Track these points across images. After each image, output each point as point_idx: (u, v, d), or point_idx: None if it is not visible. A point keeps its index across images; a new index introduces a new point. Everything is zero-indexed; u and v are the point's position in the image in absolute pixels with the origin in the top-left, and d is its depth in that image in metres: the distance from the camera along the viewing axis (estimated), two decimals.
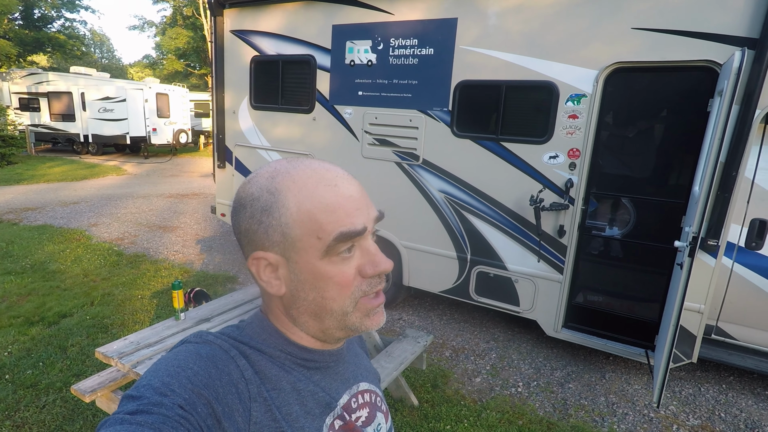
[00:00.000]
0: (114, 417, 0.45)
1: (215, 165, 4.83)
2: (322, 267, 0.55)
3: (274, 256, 0.56)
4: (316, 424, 0.58)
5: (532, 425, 2.65)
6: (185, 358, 0.52)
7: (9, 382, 2.80)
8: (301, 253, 0.55)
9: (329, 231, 0.53)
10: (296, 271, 0.56)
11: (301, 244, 0.54)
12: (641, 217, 3.09)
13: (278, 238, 0.55)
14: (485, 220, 3.45)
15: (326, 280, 0.55)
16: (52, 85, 14.65)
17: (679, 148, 2.95)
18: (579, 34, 2.93)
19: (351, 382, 0.67)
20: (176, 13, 25.51)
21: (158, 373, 0.50)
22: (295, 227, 0.54)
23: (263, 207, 0.54)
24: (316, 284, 0.56)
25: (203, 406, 0.48)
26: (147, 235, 6.15)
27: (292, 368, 0.59)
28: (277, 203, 0.54)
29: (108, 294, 4.12)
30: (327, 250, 0.54)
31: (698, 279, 2.72)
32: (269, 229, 0.55)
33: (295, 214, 0.53)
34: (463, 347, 3.58)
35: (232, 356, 0.55)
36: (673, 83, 2.89)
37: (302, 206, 0.53)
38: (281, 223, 0.54)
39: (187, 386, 0.48)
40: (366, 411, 0.67)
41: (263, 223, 0.55)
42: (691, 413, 2.88)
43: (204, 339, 0.57)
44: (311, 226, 0.53)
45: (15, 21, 21.07)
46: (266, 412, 0.53)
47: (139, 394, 0.47)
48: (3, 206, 7.37)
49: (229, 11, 4.41)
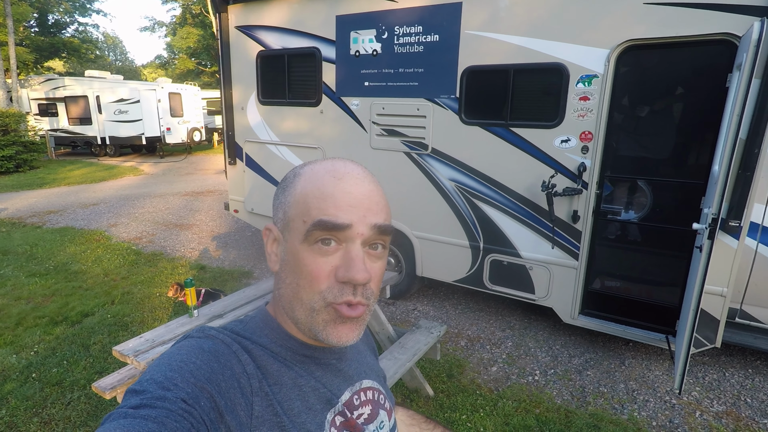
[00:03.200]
0: (118, 411, 0.45)
1: (226, 162, 4.86)
2: (301, 251, 0.56)
3: (277, 231, 0.60)
4: (318, 420, 0.58)
5: (549, 413, 2.63)
6: (188, 353, 0.52)
7: (36, 380, 2.90)
8: (291, 234, 0.57)
9: (312, 216, 0.55)
10: (285, 250, 0.59)
11: (293, 225, 0.57)
12: (659, 199, 3.00)
13: (281, 215, 0.59)
14: (497, 207, 3.39)
15: (301, 266, 0.56)
16: (69, 89, 14.95)
17: (697, 127, 2.84)
18: (588, 12, 2.83)
19: (354, 379, 0.67)
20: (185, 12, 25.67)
21: (161, 367, 0.50)
22: (292, 207, 0.57)
23: (283, 186, 0.60)
24: (294, 267, 0.57)
25: (206, 400, 0.48)
26: (164, 233, 6.26)
27: (293, 364, 0.59)
28: (292, 184, 0.59)
29: (127, 292, 4.22)
30: (306, 235, 0.55)
31: (720, 261, 2.63)
32: (278, 206, 0.60)
33: (297, 195, 0.57)
34: (479, 336, 3.56)
35: (234, 351, 0.55)
36: (689, 59, 2.78)
37: (304, 190, 0.56)
38: (286, 202, 0.58)
39: (190, 380, 0.49)
40: (368, 408, 0.67)
41: (278, 199, 0.61)
42: (716, 399, 2.81)
43: (206, 334, 0.57)
44: (302, 208, 0.56)
45: (31, 28, 21.51)
46: (268, 407, 0.53)
47: (142, 388, 0.48)
48: (27, 210, 7.58)
49: (233, 7, 4.40)
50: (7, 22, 15.06)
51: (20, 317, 3.72)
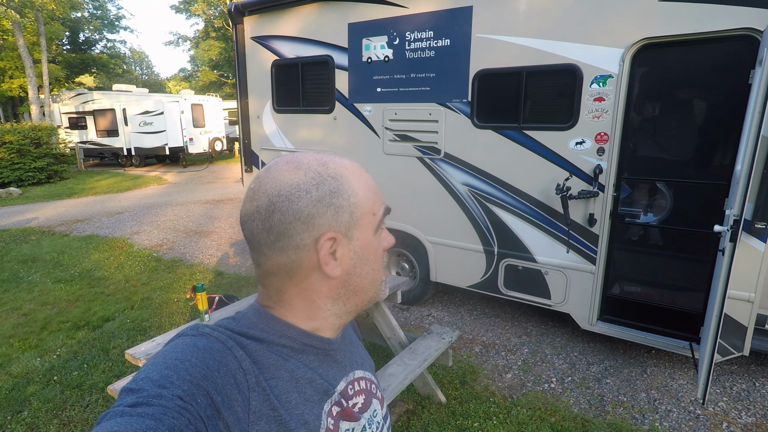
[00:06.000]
0: (114, 410, 0.45)
1: (243, 170, 4.94)
2: (374, 241, 0.63)
3: (340, 236, 0.59)
4: (315, 411, 0.59)
5: (565, 422, 2.55)
6: (183, 351, 0.53)
7: (57, 383, 2.98)
8: (362, 230, 0.60)
9: (377, 207, 0.62)
10: (357, 248, 0.60)
11: (363, 221, 0.60)
12: (679, 201, 2.90)
13: (346, 218, 0.58)
14: (511, 211, 3.34)
15: (376, 252, 0.63)
16: (97, 103, 15.53)
17: (719, 126, 2.74)
18: (601, 12, 2.77)
19: (347, 369, 0.68)
20: (208, 25, 26.41)
21: (156, 366, 0.51)
22: (359, 206, 0.59)
23: (331, 190, 0.57)
24: (369, 257, 0.62)
25: (202, 397, 0.48)
26: (184, 240, 6.40)
27: (290, 356, 0.60)
28: (343, 186, 0.58)
29: (147, 298, 4.31)
30: (378, 225, 0.63)
31: (746, 265, 2.52)
32: (339, 210, 0.58)
33: (359, 195, 0.59)
34: (494, 342, 3.49)
35: (229, 347, 0.55)
36: (709, 56, 2.69)
37: (359, 188, 0.60)
38: (351, 203, 0.58)
39: (186, 378, 0.49)
40: (362, 398, 0.68)
41: (333, 205, 0.57)
42: (744, 410, 2.68)
43: (201, 331, 0.57)
44: (369, 204, 0.61)
45: (63, 46, 22.47)
46: (265, 401, 0.54)
47: (138, 386, 0.48)
48: (56, 219, 7.87)
49: (248, 18, 4.50)
50: (41, 41, 15.80)
51: (45, 322, 3.84)
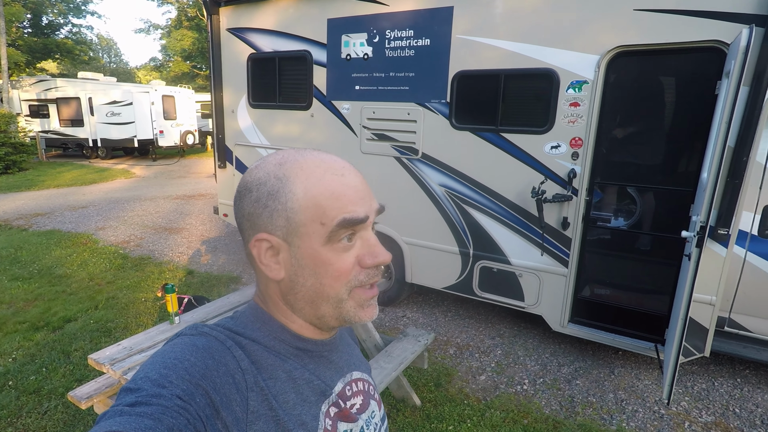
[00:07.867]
0: (113, 409, 0.45)
1: (216, 165, 4.81)
2: (323, 253, 0.56)
3: (276, 239, 0.56)
4: (313, 412, 0.59)
5: (537, 424, 2.59)
6: (182, 350, 0.53)
7: (12, 388, 2.82)
8: (304, 239, 0.56)
9: (332, 217, 0.55)
10: (297, 256, 0.57)
11: (305, 230, 0.55)
12: (648, 206, 2.99)
13: (282, 222, 0.56)
14: (487, 213, 3.37)
15: (326, 266, 0.56)
16: (61, 91, 14.83)
17: (687, 134, 2.83)
18: (579, 18, 2.82)
19: (345, 370, 0.68)
20: (181, 14, 25.60)
21: (155, 365, 0.50)
22: (300, 212, 0.55)
23: (269, 191, 0.56)
24: (315, 270, 0.57)
25: (201, 397, 0.48)
26: (153, 237, 6.18)
27: (287, 357, 0.60)
28: (284, 188, 0.55)
29: (112, 297, 4.14)
30: (329, 236, 0.55)
31: (709, 270, 2.61)
32: (274, 213, 0.56)
33: (302, 199, 0.55)
34: (468, 344, 3.52)
35: (228, 347, 0.55)
36: (679, 66, 2.78)
37: (309, 192, 0.55)
38: (287, 208, 0.55)
39: (185, 377, 0.49)
40: (360, 399, 0.68)
41: (268, 207, 0.56)
42: (704, 409, 2.78)
43: (200, 331, 0.57)
44: (316, 211, 0.55)
45: (24, 29, 21.34)
46: (263, 401, 0.54)
47: (137, 386, 0.48)
48: (13, 212, 7.47)
49: (224, 9, 4.37)
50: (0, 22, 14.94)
51: (0, 323, 3.63)
